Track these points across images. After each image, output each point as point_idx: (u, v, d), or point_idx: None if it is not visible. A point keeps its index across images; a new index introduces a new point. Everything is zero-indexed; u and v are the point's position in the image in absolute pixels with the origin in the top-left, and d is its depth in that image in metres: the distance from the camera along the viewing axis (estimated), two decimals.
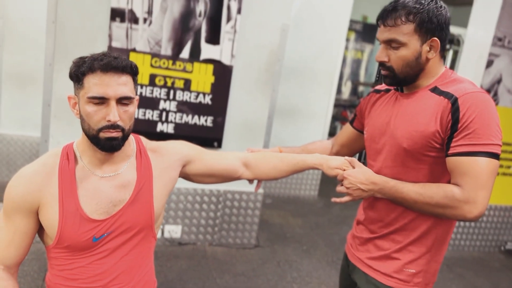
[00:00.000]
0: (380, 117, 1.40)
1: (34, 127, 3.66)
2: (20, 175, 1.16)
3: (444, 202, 1.18)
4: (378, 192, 1.26)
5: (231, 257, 3.07)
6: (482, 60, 3.42)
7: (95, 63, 1.08)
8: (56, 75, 2.56)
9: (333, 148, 1.67)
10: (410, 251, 1.34)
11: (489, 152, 1.16)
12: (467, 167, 1.17)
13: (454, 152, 1.19)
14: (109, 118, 1.08)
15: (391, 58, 1.27)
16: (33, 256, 2.70)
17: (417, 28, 1.23)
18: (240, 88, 2.93)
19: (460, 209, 1.17)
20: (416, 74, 1.29)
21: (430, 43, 1.25)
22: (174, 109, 2.83)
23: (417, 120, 1.26)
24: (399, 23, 1.23)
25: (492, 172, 1.16)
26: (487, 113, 1.17)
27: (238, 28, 2.81)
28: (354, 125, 1.60)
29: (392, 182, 1.26)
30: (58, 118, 2.62)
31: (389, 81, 1.33)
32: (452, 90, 1.23)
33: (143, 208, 1.21)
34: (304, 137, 4.59)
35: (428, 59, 1.27)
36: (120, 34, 2.62)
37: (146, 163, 1.25)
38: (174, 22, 2.69)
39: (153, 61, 2.71)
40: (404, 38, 1.24)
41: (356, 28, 7.15)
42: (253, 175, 1.44)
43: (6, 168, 3.81)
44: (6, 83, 3.65)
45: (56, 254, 1.18)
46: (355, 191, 1.27)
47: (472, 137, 1.16)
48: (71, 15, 2.52)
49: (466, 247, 3.79)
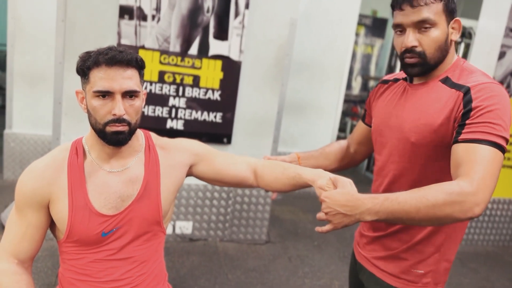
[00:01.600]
0: (387, 109, 1.33)
1: (46, 126, 3.70)
2: (30, 169, 1.18)
3: (452, 199, 1.00)
4: (367, 213, 1.03)
5: (242, 253, 3.08)
6: (494, 51, 3.37)
7: (100, 57, 1.08)
8: (66, 73, 2.58)
9: (351, 148, 1.58)
10: (418, 251, 1.28)
11: (499, 144, 1.07)
12: (478, 155, 1.05)
13: (466, 138, 1.09)
14: (115, 112, 1.09)
15: (423, 41, 1.17)
16: (47, 253, 2.74)
17: (444, 8, 1.16)
18: (249, 84, 2.92)
19: (468, 203, 1.01)
20: (442, 60, 1.21)
21: (453, 24, 1.19)
22: (184, 106, 2.83)
23: (427, 113, 1.19)
24: (429, 1, 1.15)
25: (499, 164, 1.07)
26: (501, 105, 1.10)
27: (246, 23, 2.80)
28: (365, 121, 1.52)
29: (381, 196, 1.06)
30: (69, 116, 2.64)
31: (418, 70, 1.21)
32: (464, 81, 1.16)
33: (150, 204, 1.22)
34: (314, 132, 4.58)
35: (452, 41, 1.20)
36: (129, 31, 2.63)
37: (154, 159, 1.25)
38: (182, 18, 2.70)
39: (162, 58, 2.72)
40: (436, 18, 1.15)
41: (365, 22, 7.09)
42: (259, 185, 1.37)
43: (19, 166, 3.85)
44: (18, 83, 3.69)
45: (67, 249, 1.19)
46: (335, 216, 1.05)
47: (486, 125, 1.08)
48: (80, 14, 2.54)
49: (480, 242, 3.75)
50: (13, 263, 1.17)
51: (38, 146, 3.85)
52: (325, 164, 1.56)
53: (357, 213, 1.04)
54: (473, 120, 1.10)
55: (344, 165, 1.58)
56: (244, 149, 3.03)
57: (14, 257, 1.17)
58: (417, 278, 1.29)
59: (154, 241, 1.26)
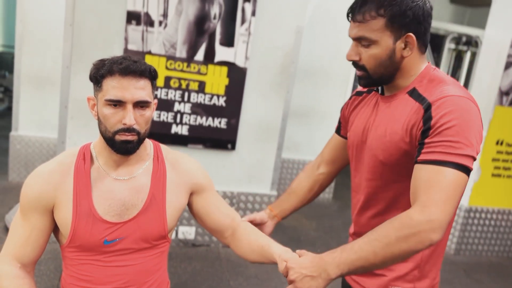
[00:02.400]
0: (360, 123, 1.28)
1: (52, 129, 3.72)
2: (36, 173, 1.18)
3: (404, 233, 0.97)
4: (330, 268, 1.02)
5: (244, 260, 3.07)
6: (500, 61, 3.36)
7: (114, 66, 1.09)
8: (73, 77, 2.60)
9: (319, 169, 1.51)
10: (395, 266, 1.21)
11: (460, 164, 1.00)
12: (433, 177, 1.00)
13: (422, 159, 1.04)
14: (125, 121, 1.10)
15: (363, 57, 1.15)
16: (49, 256, 2.75)
17: (388, 23, 1.09)
18: (254, 90, 2.93)
19: (423, 232, 0.97)
20: (392, 74, 1.16)
21: (405, 39, 1.11)
22: (189, 111, 2.84)
23: (392, 129, 1.14)
24: (368, 18, 1.10)
25: (460, 186, 1.01)
26: (463, 121, 1.02)
27: (253, 30, 2.81)
28: (341, 133, 1.46)
29: (338, 249, 1.04)
30: (75, 120, 2.66)
31: (363, 82, 1.20)
32: (429, 94, 1.10)
33: (156, 218, 1.21)
34: (318, 138, 4.57)
35: (404, 57, 1.13)
36: (136, 36, 2.64)
37: (162, 172, 1.25)
38: (189, 25, 2.71)
39: (168, 63, 2.73)
40: (374, 35, 1.10)
41: None
42: (233, 245, 1.34)
43: (24, 169, 3.88)
44: (25, 85, 3.72)
45: (70, 254, 1.20)
46: (303, 281, 1.03)
47: (443, 145, 1.01)
48: (88, 18, 2.56)
49: (484, 252, 3.72)
50: (16, 266, 1.17)
51: (44, 149, 3.87)
52: (299, 200, 1.51)
53: (321, 272, 1.03)
54: (431, 139, 1.04)
55: (314, 193, 1.52)
56: (249, 155, 3.03)
57: (17, 260, 1.18)
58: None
59: (158, 250, 1.26)
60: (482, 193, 3.56)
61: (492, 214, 3.63)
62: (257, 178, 3.12)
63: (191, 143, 2.88)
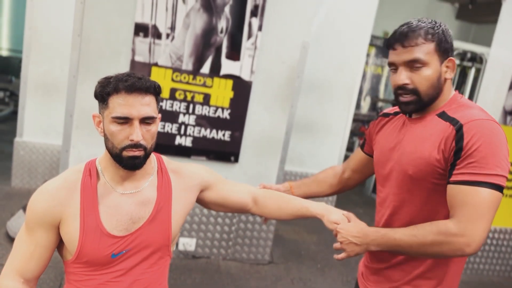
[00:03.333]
0: (387, 142, 1.37)
1: (57, 136, 3.74)
2: (43, 190, 1.19)
3: (439, 239, 1.12)
4: (372, 244, 1.21)
5: (244, 273, 3.06)
6: (505, 81, 3.37)
7: (120, 84, 1.10)
8: (79, 87, 2.62)
9: (345, 174, 1.63)
10: (420, 283, 1.29)
11: (492, 183, 1.10)
12: (467, 197, 1.11)
13: (455, 180, 1.14)
14: (132, 137, 1.11)
15: (414, 79, 1.21)
16: (50, 264, 2.72)
17: (436, 48, 1.20)
18: (259, 104, 2.94)
19: (456, 244, 1.11)
20: (437, 97, 1.24)
21: (447, 63, 1.23)
22: (193, 123, 2.85)
23: (423, 146, 1.22)
24: (420, 42, 1.20)
25: (493, 204, 1.10)
26: (493, 142, 1.12)
27: (259, 45, 2.83)
28: (364, 150, 1.56)
29: (383, 230, 1.22)
30: (80, 129, 2.67)
31: (413, 107, 1.25)
32: (459, 116, 1.19)
33: (161, 227, 1.23)
34: (322, 151, 4.58)
35: (446, 79, 1.24)
36: (143, 48, 2.66)
37: (167, 183, 1.27)
38: (196, 38, 2.73)
39: (174, 75, 2.75)
40: (427, 58, 1.20)
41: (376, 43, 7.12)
42: (259, 212, 1.45)
43: (27, 175, 3.89)
44: (31, 92, 3.75)
45: (75, 269, 1.20)
46: (348, 245, 1.24)
47: (475, 166, 1.11)
48: (96, 29, 2.58)
49: (486, 271, 3.70)
50: (19, 281, 1.17)
51: (47, 156, 3.89)
52: (318, 190, 1.63)
53: (364, 243, 1.22)
54: (463, 160, 1.13)
55: (336, 191, 1.65)
56: (251, 168, 3.03)
57: (20, 275, 1.18)
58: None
59: (160, 265, 1.27)
60: None
61: (494, 234, 3.61)
62: None
63: (194, 155, 2.89)
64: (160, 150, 1.40)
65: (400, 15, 7.39)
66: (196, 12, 2.69)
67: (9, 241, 2.99)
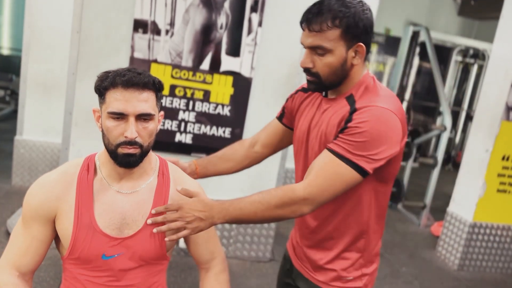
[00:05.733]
0: (305, 120, 1.36)
1: (57, 134, 3.72)
2: (39, 183, 1.18)
3: (283, 201, 1.16)
4: (217, 217, 1.15)
5: (245, 271, 3.05)
6: (508, 76, 3.33)
7: (117, 78, 1.08)
8: (78, 84, 2.60)
9: (254, 147, 1.58)
10: (343, 258, 1.32)
11: (356, 164, 1.14)
12: (327, 165, 1.16)
13: (329, 147, 1.18)
14: (127, 134, 1.09)
15: (317, 64, 1.21)
16: (49, 262, 2.74)
17: (343, 34, 1.16)
18: (259, 100, 2.92)
19: (298, 206, 1.16)
20: (341, 81, 1.24)
21: (355, 49, 1.20)
22: (193, 120, 2.84)
23: (328, 126, 1.25)
24: (325, 28, 1.16)
25: (346, 181, 1.16)
26: (376, 130, 1.14)
27: (259, 41, 2.81)
28: (283, 121, 1.52)
29: (228, 202, 1.18)
30: (79, 126, 2.66)
31: (314, 87, 1.28)
32: (361, 100, 1.20)
33: (155, 237, 1.19)
34: None
35: (353, 65, 1.22)
36: (142, 45, 2.65)
37: (165, 191, 1.23)
38: (196, 34, 2.71)
39: (173, 72, 2.74)
40: (330, 45, 1.17)
41: (378, 40, 7.09)
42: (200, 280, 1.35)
43: (27, 173, 3.88)
44: (31, 90, 3.73)
45: (70, 266, 1.19)
46: (193, 222, 1.13)
47: (351, 144, 1.15)
48: (95, 26, 2.57)
49: (488, 268, 3.67)
50: (14, 275, 1.16)
51: (48, 154, 3.88)
52: (226, 167, 1.58)
53: (210, 217, 1.15)
54: (343, 135, 1.17)
55: (245, 166, 1.60)
56: None
57: (15, 269, 1.17)
58: (348, 283, 1.34)
59: (156, 268, 1.24)
60: (487, 209, 3.52)
61: (496, 230, 3.59)
62: (260, 188, 3.07)
63: (194, 152, 2.87)
64: (160, 147, 1.37)
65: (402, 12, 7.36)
66: (195, 8, 2.68)
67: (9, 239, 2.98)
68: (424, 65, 7.21)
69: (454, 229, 3.66)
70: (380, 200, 1.31)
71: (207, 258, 1.32)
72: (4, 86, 6.53)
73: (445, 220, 3.77)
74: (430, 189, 4.56)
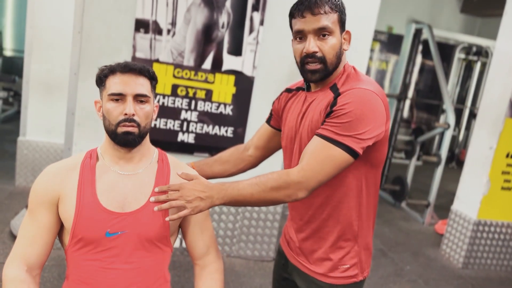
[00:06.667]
0: (293, 118, 1.39)
1: (60, 134, 3.73)
2: (44, 171, 1.26)
3: (279, 184, 1.19)
4: (217, 197, 1.19)
5: (249, 270, 3.04)
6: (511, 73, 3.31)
7: (116, 65, 1.22)
8: (80, 84, 2.61)
9: (248, 151, 1.61)
10: (339, 247, 1.35)
11: (345, 145, 1.17)
12: (317, 149, 1.19)
13: (317, 132, 1.21)
14: (125, 111, 1.18)
15: (322, 48, 1.24)
16: (53, 263, 2.74)
17: (339, 18, 1.25)
18: (262, 99, 2.91)
19: (293, 189, 1.18)
20: (337, 67, 1.29)
21: (344, 35, 1.28)
22: (195, 119, 2.83)
23: (314, 117, 1.28)
24: (327, 10, 1.22)
25: (338, 163, 1.18)
26: (362, 110, 1.17)
27: (261, 40, 2.80)
28: (271, 123, 1.56)
29: (227, 183, 1.21)
30: (82, 126, 2.66)
31: (319, 76, 1.27)
32: (344, 87, 1.24)
33: (158, 215, 1.23)
34: None
35: (343, 50, 1.29)
36: (144, 44, 2.64)
37: (166, 174, 1.29)
38: (197, 33, 2.71)
39: (175, 71, 2.73)
40: (333, 26, 1.23)
41: (381, 38, 7.07)
42: (194, 275, 1.38)
43: (31, 174, 3.89)
44: (34, 91, 3.75)
45: (73, 254, 1.21)
46: (193, 201, 1.17)
47: (338, 126, 1.18)
48: (97, 26, 2.57)
49: (493, 267, 3.65)
50: (23, 270, 1.18)
51: (51, 154, 3.88)
52: (221, 169, 1.60)
53: (209, 197, 1.19)
54: (330, 119, 1.20)
55: (240, 169, 1.62)
56: None
57: (24, 262, 1.19)
58: (345, 272, 1.36)
59: (159, 255, 1.27)
60: (491, 206, 3.50)
61: (501, 228, 3.57)
62: None
63: (197, 151, 2.87)
64: (163, 146, 1.41)
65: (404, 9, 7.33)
66: (197, 7, 2.67)
67: (13, 240, 2.99)
68: (427, 62, 7.19)
69: (459, 227, 3.64)
70: (370, 186, 1.33)
71: (202, 251, 1.35)
72: (7, 87, 6.55)
73: (449, 218, 3.76)
74: (434, 187, 4.54)
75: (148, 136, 1.28)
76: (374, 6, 4.26)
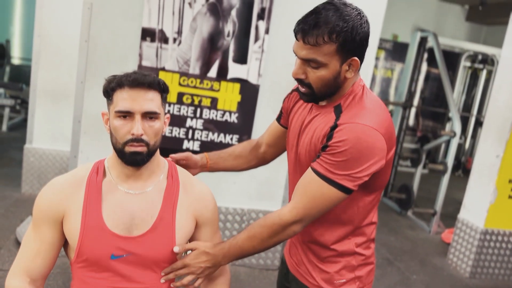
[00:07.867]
0: (297, 122, 1.36)
1: (66, 142, 3.75)
2: (49, 185, 1.21)
3: (273, 231, 1.21)
4: (223, 260, 1.24)
5: (253, 278, 3.03)
6: None
7: (124, 79, 1.13)
8: (87, 93, 2.62)
9: (261, 148, 1.60)
10: (334, 261, 1.33)
11: (339, 183, 1.15)
12: (311, 185, 1.18)
13: (312, 167, 1.19)
14: (133, 131, 1.11)
15: (309, 76, 1.17)
16: (58, 271, 2.74)
17: (339, 48, 1.12)
18: (267, 107, 2.92)
19: (291, 230, 1.20)
20: (333, 93, 1.22)
21: (349, 63, 1.17)
22: (201, 127, 2.84)
23: (313, 139, 1.25)
24: (320, 42, 1.11)
25: (330, 200, 1.18)
26: (358, 149, 1.13)
27: (266, 48, 2.81)
28: (281, 122, 1.53)
29: (226, 244, 1.24)
30: (88, 134, 2.68)
31: (307, 99, 1.26)
32: (346, 112, 1.19)
33: (165, 238, 1.19)
34: None
35: (346, 78, 1.20)
36: (150, 53, 2.66)
37: (175, 192, 1.24)
38: (203, 42, 2.73)
39: (181, 79, 2.75)
40: (325, 59, 1.13)
41: (386, 46, 7.08)
42: None
43: (37, 181, 3.91)
44: (41, 99, 3.77)
45: (77, 270, 1.19)
46: (204, 272, 1.24)
47: (333, 164, 1.15)
48: (103, 35, 2.59)
49: (501, 276, 3.61)
50: (25, 281, 1.17)
51: (57, 162, 3.90)
52: (235, 164, 1.60)
53: (217, 262, 1.24)
54: (326, 154, 1.16)
55: (253, 165, 1.62)
56: (259, 171, 2.98)
57: (27, 274, 1.18)
58: (342, 287, 1.34)
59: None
60: (498, 215, 3.47)
61: (509, 237, 3.53)
62: (268, 195, 3.09)
63: None
64: (168, 154, 1.39)
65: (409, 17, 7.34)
66: (202, 16, 2.69)
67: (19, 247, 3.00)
68: (433, 71, 7.18)
69: (465, 236, 3.61)
70: (372, 201, 1.32)
71: None
72: (15, 95, 6.61)
73: (456, 227, 3.72)
74: (440, 196, 4.51)
75: (158, 150, 1.23)
76: (379, 14, 4.27)
